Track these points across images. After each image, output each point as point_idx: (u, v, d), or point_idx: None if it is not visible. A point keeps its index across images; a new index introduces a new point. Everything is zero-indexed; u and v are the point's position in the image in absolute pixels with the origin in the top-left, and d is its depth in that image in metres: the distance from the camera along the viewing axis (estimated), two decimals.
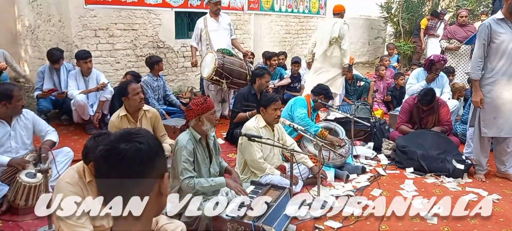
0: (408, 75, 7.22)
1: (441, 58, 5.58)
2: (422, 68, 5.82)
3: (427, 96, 4.56)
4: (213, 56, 5.25)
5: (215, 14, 5.86)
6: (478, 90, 3.89)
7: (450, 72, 6.35)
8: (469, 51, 7.00)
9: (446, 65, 6.62)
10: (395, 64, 9.39)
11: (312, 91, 4.66)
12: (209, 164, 2.98)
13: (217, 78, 5.22)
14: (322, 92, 4.55)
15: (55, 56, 5.20)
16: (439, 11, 10.19)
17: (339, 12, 6.25)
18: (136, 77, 5.54)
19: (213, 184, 2.83)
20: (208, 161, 2.99)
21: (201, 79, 6.47)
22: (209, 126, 2.90)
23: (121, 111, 3.86)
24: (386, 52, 9.96)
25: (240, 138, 3.52)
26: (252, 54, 7.45)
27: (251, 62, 7.42)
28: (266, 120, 3.62)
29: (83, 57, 5.14)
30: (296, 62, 7.35)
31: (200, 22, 5.90)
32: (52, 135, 3.48)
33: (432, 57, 5.58)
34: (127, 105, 3.65)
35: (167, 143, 3.93)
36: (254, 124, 3.60)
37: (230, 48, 5.87)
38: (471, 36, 6.82)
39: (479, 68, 3.85)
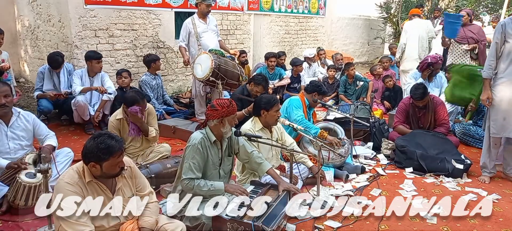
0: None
1: (439, 59, 5.59)
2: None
3: (419, 90, 4.55)
4: (209, 56, 5.15)
5: (204, 15, 5.80)
6: (487, 88, 3.87)
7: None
8: (466, 51, 7.00)
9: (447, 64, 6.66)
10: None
11: (305, 89, 4.63)
12: (219, 166, 2.97)
13: (213, 79, 5.16)
14: (315, 89, 4.46)
15: (56, 62, 5.23)
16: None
17: (419, 13, 7.28)
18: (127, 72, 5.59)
19: (212, 188, 2.80)
20: (219, 163, 2.97)
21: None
22: (228, 128, 2.88)
23: (118, 115, 3.88)
24: (388, 52, 9.92)
25: (241, 138, 3.51)
26: (244, 52, 7.46)
27: (246, 62, 7.43)
28: (267, 122, 3.60)
29: (96, 57, 5.20)
30: (299, 64, 7.36)
31: (188, 23, 5.78)
32: (52, 139, 3.48)
33: (429, 60, 5.57)
34: None
35: (153, 132, 4.00)
36: (250, 126, 3.58)
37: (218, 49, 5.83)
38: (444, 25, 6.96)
39: (491, 68, 3.81)
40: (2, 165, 3.15)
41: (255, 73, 5.43)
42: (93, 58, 5.18)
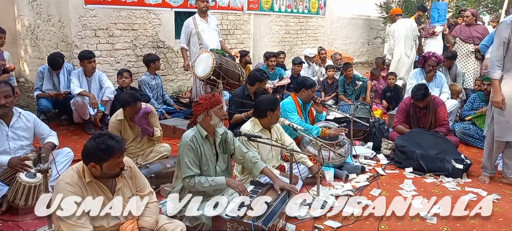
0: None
1: (431, 55, 5.60)
2: (419, 68, 5.84)
3: (420, 91, 4.54)
4: (210, 55, 5.16)
5: (203, 13, 5.76)
6: (499, 90, 3.62)
7: (450, 57, 6.39)
8: (472, 52, 6.99)
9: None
10: None
11: (294, 89, 4.60)
12: (215, 162, 2.97)
13: (214, 78, 5.14)
14: (301, 86, 4.40)
15: (57, 64, 5.22)
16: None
17: (401, 13, 8.04)
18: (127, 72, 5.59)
19: (213, 183, 2.82)
20: (215, 159, 2.97)
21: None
22: (217, 120, 2.87)
23: (119, 115, 3.89)
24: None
25: (237, 139, 3.51)
26: (247, 53, 7.44)
27: (250, 62, 7.42)
28: (272, 122, 3.60)
29: (88, 57, 5.17)
30: (300, 63, 7.35)
31: (189, 22, 5.78)
32: (53, 137, 3.48)
33: (424, 54, 5.66)
34: None
35: (158, 131, 4.05)
36: (250, 127, 3.57)
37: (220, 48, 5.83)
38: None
39: (499, 68, 3.60)
40: (3, 162, 3.14)
41: (251, 72, 5.35)
42: (84, 58, 5.16)
